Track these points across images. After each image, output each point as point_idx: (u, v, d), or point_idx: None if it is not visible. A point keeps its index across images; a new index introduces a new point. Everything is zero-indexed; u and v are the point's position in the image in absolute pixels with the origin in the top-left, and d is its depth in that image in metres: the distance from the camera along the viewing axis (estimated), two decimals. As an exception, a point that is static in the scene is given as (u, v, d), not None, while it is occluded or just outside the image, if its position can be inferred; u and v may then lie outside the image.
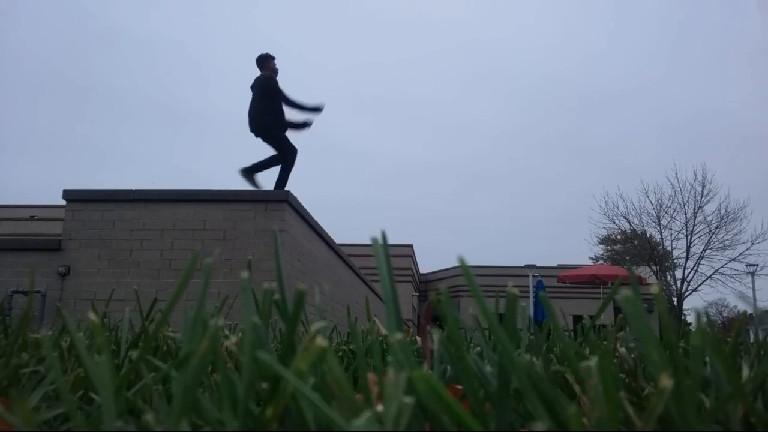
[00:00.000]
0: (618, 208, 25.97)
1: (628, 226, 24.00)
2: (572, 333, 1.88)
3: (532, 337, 0.84)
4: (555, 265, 24.86)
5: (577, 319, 1.29)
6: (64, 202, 6.51)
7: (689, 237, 22.67)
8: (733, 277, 22.13)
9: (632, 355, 0.70)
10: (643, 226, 23.65)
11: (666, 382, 0.38)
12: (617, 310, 0.65)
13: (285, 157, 7.19)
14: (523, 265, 20.71)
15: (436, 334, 0.56)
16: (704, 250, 22.56)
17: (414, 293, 22.33)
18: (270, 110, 7.18)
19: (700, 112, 55.99)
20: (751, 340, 1.03)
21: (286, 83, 7.51)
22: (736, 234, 22.08)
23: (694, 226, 22.66)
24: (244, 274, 0.51)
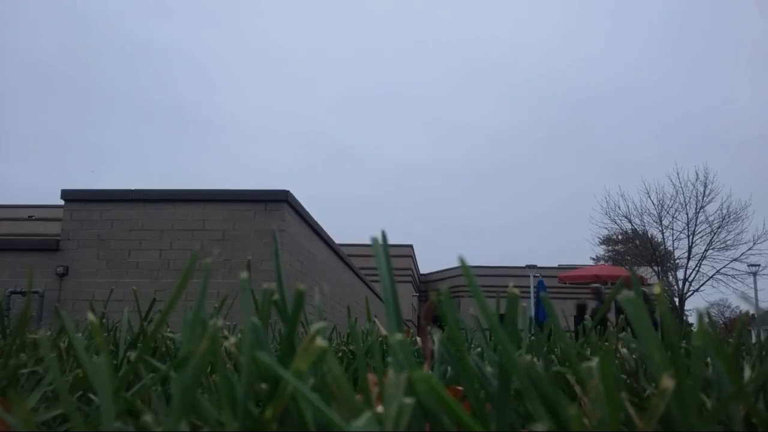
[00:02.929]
0: (619, 208, 25.78)
1: (630, 226, 23.95)
2: (573, 334, 1.88)
3: (533, 337, 0.84)
4: (556, 266, 24.87)
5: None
6: (62, 202, 6.51)
7: (691, 237, 22.62)
8: (735, 278, 22.07)
9: (634, 356, 0.70)
10: (644, 226, 23.61)
11: (667, 382, 0.38)
12: (619, 310, 0.65)
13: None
14: (524, 265, 20.70)
15: (436, 335, 0.56)
16: (706, 250, 22.51)
17: (414, 293, 22.35)
18: None
19: (701, 112, 56.03)
20: (753, 341, 1.03)
21: (288, 84, 7.31)
22: (738, 234, 22.02)
23: (695, 226, 22.61)
24: (244, 275, 0.51)
